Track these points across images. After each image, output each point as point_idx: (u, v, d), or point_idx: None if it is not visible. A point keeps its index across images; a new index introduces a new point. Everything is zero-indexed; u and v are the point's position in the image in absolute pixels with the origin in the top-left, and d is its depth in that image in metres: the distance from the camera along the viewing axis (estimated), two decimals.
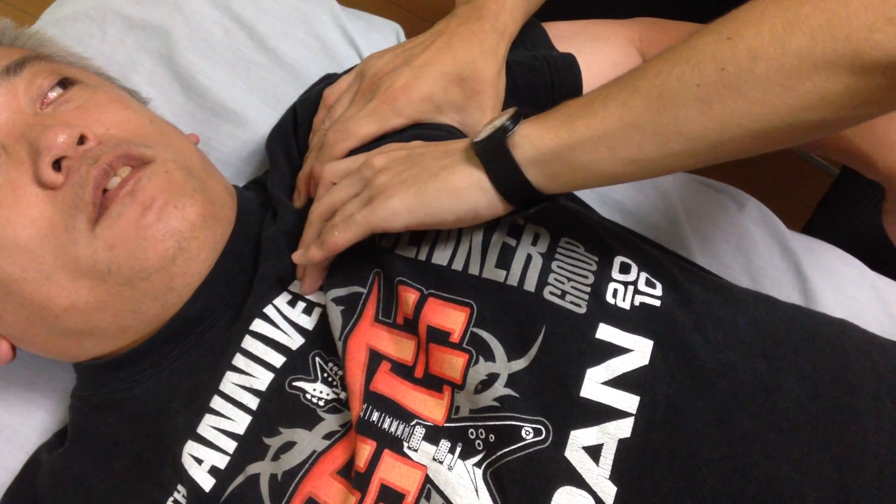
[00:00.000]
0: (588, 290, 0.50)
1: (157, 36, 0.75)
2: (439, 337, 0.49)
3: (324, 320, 0.54)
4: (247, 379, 0.53)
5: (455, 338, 0.49)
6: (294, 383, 0.52)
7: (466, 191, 0.48)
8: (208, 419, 0.53)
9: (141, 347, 0.56)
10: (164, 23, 0.76)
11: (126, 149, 0.53)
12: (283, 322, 0.55)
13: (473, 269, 0.51)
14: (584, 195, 0.71)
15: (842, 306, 0.72)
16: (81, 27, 0.76)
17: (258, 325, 0.55)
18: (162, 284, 0.53)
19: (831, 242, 0.77)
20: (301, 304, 0.56)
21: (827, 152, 0.74)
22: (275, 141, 0.68)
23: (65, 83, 0.58)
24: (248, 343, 0.54)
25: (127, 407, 0.56)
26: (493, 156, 0.48)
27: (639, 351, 0.48)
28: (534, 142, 0.47)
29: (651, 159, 0.44)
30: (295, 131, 0.67)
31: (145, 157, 0.54)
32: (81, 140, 0.53)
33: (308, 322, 0.55)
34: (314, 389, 0.52)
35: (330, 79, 0.70)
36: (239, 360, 0.54)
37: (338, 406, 0.51)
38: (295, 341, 0.54)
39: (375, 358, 0.50)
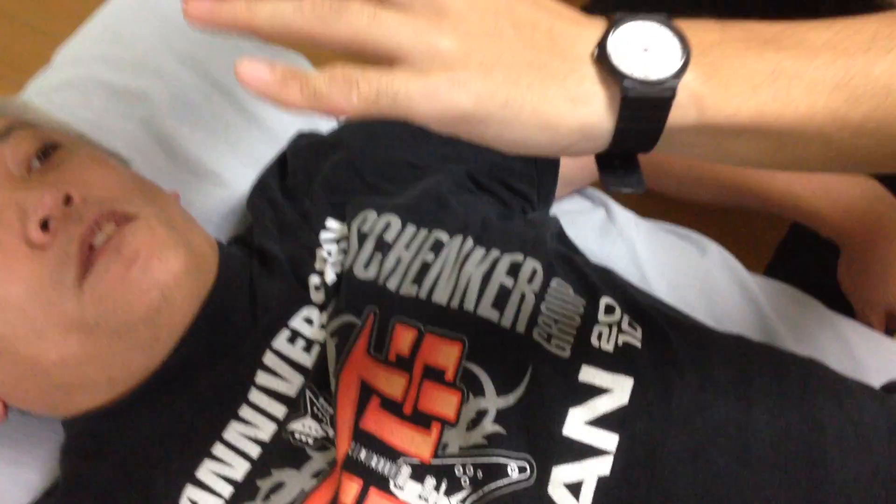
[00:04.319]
0: (574, 332, 0.53)
1: (139, 102, 0.78)
2: (435, 376, 0.51)
3: (321, 356, 0.55)
4: (251, 429, 0.54)
5: (449, 376, 0.51)
6: (288, 427, 0.53)
7: (569, 133, 0.33)
8: (208, 464, 0.53)
9: (128, 397, 0.57)
10: (145, 89, 0.79)
11: (110, 206, 0.55)
12: (285, 367, 0.56)
13: (468, 306, 0.53)
14: None
15: (802, 345, 0.74)
16: (66, 96, 0.79)
17: (261, 378, 0.56)
18: (149, 335, 0.54)
19: (792, 283, 0.80)
20: (301, 342, 0.57)
21: (781, 212, 0.77)
22: (256, 195, 0.69)
23: (49, 148, 0.59)
24: (254, 395, 0.56)
25: (117, 454, 0.57)
26: (646, 109, 0.33)
27: (619, 390, 0.50)
28: (705, 112, 0.34)
29: (799, 165, 0.39)
30: (282, 179, 0.68)
31: (129, 213, 0.55)
32: (67, 200, 0.54)
33: (307, 360, 0.56)
34: (303, 426, 0.53)
35: (303, 137, 0.72)
36: (245, 412, 0.55)
37: (327, 444, 0.52)
38: (294, 385, 0.55)
39: (366, 392, 0.51)
